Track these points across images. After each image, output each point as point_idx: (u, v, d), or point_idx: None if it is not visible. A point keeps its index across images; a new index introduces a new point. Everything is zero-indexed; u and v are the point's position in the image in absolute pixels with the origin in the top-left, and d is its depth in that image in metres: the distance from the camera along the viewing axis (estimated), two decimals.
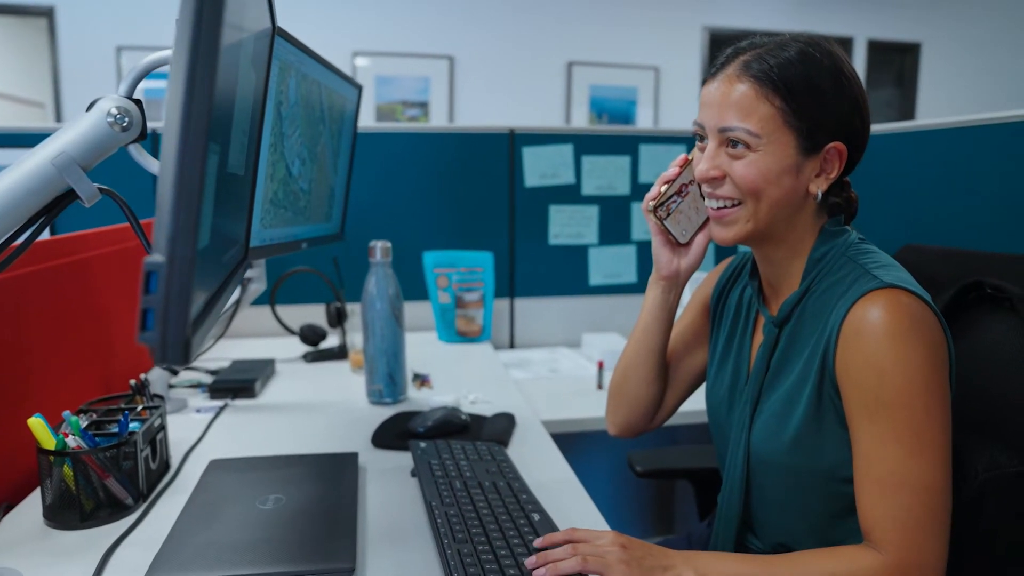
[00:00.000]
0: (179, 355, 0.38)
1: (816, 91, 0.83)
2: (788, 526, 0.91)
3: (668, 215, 1.00)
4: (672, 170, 0.99)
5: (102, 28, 4.31)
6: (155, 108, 4.36)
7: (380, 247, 1.36)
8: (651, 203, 1.00)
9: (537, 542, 0.79)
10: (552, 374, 1.89)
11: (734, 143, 0.85)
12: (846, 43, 5.36)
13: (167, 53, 0.69)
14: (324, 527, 0.83)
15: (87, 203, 0.62)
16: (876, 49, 5.39)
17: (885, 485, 0.76)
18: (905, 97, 5.48)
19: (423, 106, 4.66)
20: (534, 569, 0.74)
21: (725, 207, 0.88)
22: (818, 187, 0.86)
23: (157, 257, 0.37)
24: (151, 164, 0.70)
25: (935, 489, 0.75)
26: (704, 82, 0.91)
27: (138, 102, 0.66)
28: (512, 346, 2.19)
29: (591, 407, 1.63)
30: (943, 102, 5.59)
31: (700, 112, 0.90)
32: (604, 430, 1.55)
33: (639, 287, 2.25)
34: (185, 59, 0.36)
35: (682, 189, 1.00)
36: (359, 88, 1.38)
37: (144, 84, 0.72)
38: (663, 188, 0.99)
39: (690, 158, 0.99)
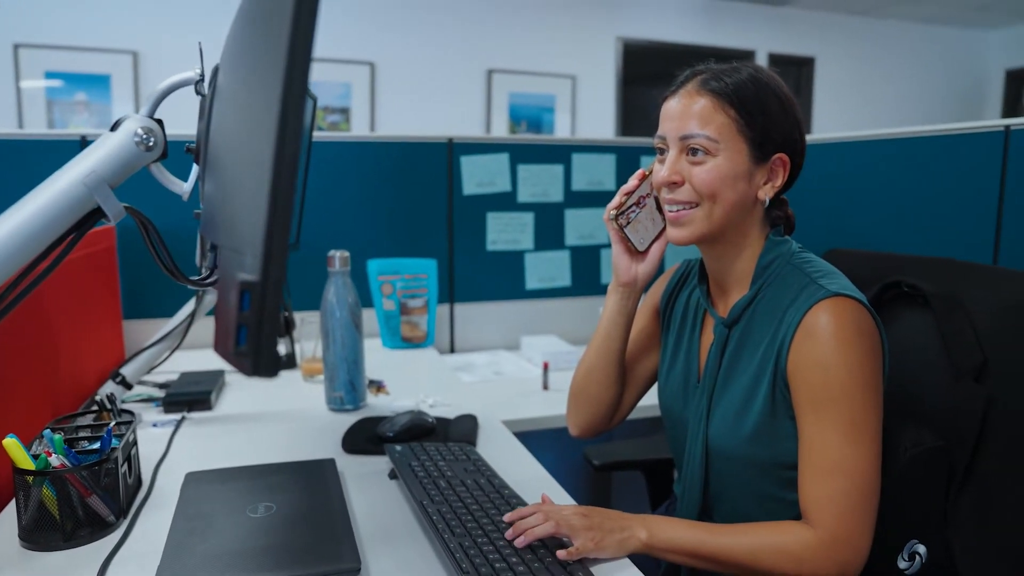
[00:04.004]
0: (271, 367, 0.41)
1: (764, 107, 0.94)
2: (744, 509, 1.00)
3: (628, 223, 1.07)
4: (632, 182, 1.07)
5: None
6: (62, 109, 4.09)
7: (339, 256, 1.39)
8: (612, 212, 1.07)
9: (507, 516, 0.86)
10: (497, 376, 1.94)
11: (694, 151, 0.94)
12: (749, 55, 5.69)
13: (188, 75, 0.70)
14: (322, 530, 0.85)
15: (113, 221, 0.63)
16: (776, 62, 5.75)
17: (823, 470, 0.87)
18: (803, 107, 5.87)
19: (344, 112, 4.62)
20: (514, 539, 0.81)
21: (683, 210, 0.97)
22: (766, 194, 0.97)
23: (249, 276, 0.40)
24: (172, 183, 0.71)
25: (866, 473, 0.86)
26: (664, 99, 0.99)
27: (160, 121, 0.68)
28: (453, 350, 2.23)
29: (541, 406, 1.70)
30: (834, 112, 6.03)
31: (662, 125, 0.98)
32: (556, 428, 1.62)
33: (573, 290, 2.34)
34: (280, 89, 0.39)
35: (640, 201, 1.08)
36: (315, 99, 1.40)
37: (44, 83, 0.72)
38: (623, 199, 1.07)
39: (647, 172, 1.07)
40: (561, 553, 0.79)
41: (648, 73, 5.45)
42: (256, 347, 0.40)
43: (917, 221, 1.60)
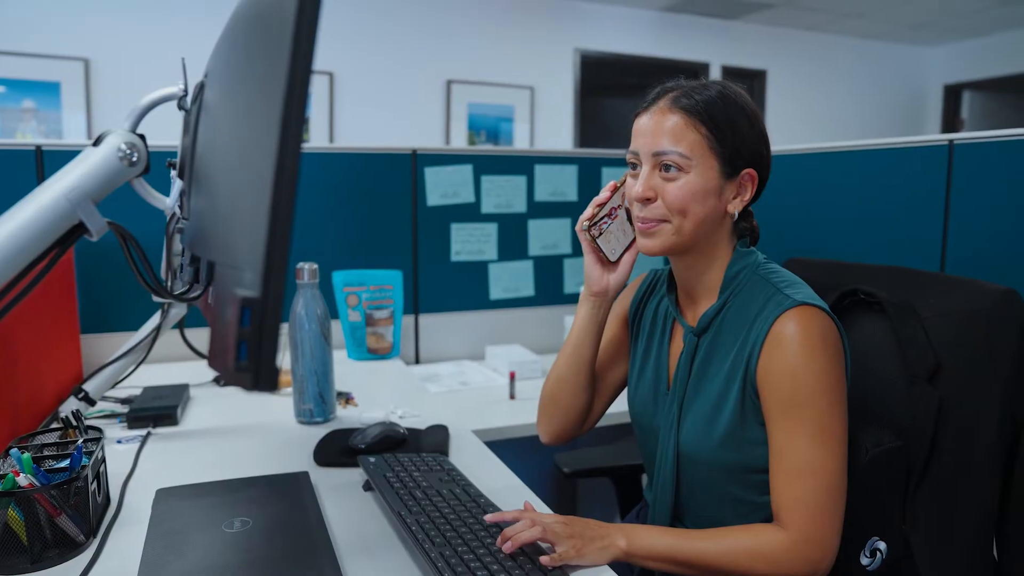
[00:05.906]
0: (271, 382, 0.42)
1: (733, 124, 0.97)
2: (715, 513, 1.03)
3: (600, 234, 1.10)
4: (604, 194, 1.09)
5: None
6: (7, 116, 3.96)
7: (307, 269, 1.38)
8: (585, 223, 1.09)
9: (488, 518, 0.88)
10: (463, 386, 1.95)
11: (667, 167, 0.96)
12: (703, 67, 5.82)
13: (172, 90, 0.70)
14: (300, 543, 0.85)
15: (95, 236, 0.63)
16: (729, 74, 5.91)
17: (793, 472, 0.90)
18: None
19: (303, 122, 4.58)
20: (502, 545, 0.83)
21: (653, 224, 1.00)
22: (735, 208, 1.00)
23: (250, 293, 0.41)
24: (154, 198, 0.70)
25: (834, 473, 0.90)
26: (636, 116, 1.02)
27: (142, 137, 0.67)
28: (418, 361, 2.23)
29: (509, 415, 1.71)
30: (785, 123, 6.21)
31: (634, 141, 1.01)
32: (524, 436, 1.63)
33: (537, 300, 2.36)
34: (280, 107, 0.40)
35: (612, 212, 1.10)
36: None
37: None
38: (595, 210, 1.09)
39: (619, 184, 1.10)
40: (544, 559, 0.81)
41: (605, 84, 5.53)
42: (257, 362, 0.41)
43: (869, 230, 1.67)
